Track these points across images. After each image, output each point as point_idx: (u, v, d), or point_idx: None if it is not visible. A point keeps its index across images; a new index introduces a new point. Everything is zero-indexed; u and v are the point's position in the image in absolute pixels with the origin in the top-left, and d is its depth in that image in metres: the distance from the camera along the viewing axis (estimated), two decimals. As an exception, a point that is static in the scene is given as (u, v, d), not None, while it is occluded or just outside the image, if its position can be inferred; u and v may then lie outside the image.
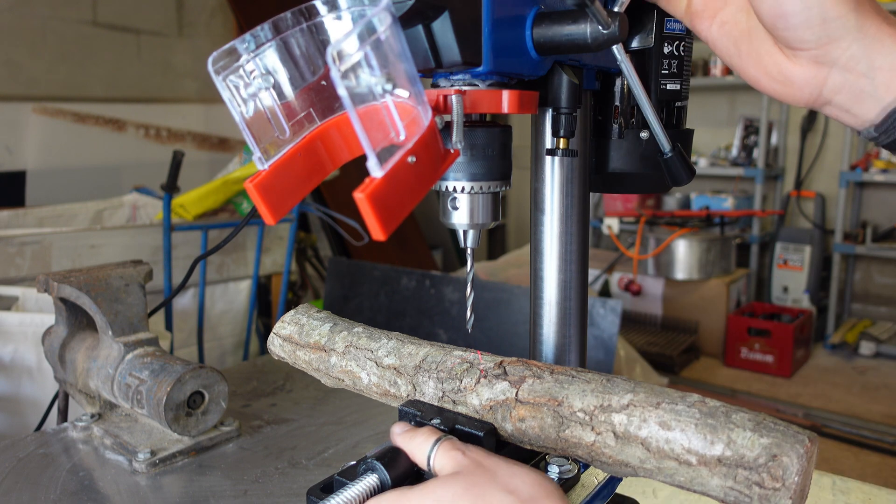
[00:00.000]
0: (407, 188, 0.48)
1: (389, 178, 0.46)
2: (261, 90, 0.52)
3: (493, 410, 0.58)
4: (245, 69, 0.52)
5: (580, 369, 0.58)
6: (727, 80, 4.45)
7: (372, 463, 0.54)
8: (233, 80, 0.51)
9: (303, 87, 0.55)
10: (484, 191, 0.61)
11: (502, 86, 0.60)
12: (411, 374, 0.64)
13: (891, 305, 4.36)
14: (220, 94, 0.51)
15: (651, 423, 0.50)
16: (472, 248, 0.66)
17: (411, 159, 0.47)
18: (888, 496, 0.80)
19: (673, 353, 3.73)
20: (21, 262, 1.97)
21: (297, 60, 0.54)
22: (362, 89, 0.44)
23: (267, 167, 0.53)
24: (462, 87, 0.58)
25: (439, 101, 0.53)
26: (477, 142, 0.60)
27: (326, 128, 0.56)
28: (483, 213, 0.62)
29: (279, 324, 0.78)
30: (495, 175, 0.61)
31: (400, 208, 0.47)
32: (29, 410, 1.56)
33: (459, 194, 0.61)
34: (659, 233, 4.01)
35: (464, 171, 0.60)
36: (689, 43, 0.71)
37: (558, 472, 0.63)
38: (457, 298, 1.99)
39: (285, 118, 0.54)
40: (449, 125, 0.53)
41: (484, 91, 0.57)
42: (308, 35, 0.53)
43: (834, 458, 2.85)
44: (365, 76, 0.44)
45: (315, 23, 0.53)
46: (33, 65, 3.30)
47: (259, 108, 0.53)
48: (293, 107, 0.55)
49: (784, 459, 0.44)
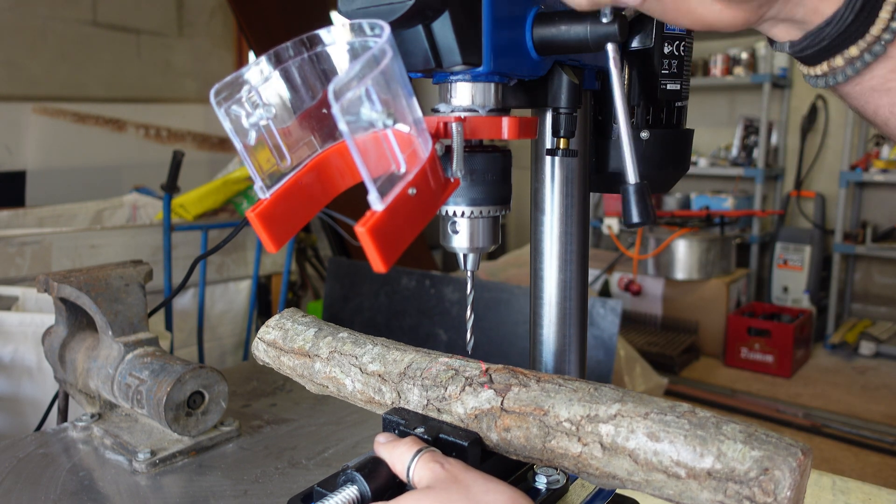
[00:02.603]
0: (408, 219, 0.48)
1: (390, 211, 0.46)
2: (262, 120, 0.52)
3: (479, 419, 0.57)
4: (247, 99, 0.52)
5: (568, 377, 0.57)
6: (727, 80, 4.45)
7: (352, 474, 0.53)
8: (234, 109, 0.51)
9: (304, 114, 0.55)
10: (484, 215, 0.61)
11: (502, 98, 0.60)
12: (396, 381, 0.63)
13: (891, 305, 4.36)
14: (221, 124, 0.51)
15: (639, 435, 0.49)
16: (471, 271, 0.66)
17: (412, 191, 0.47)
18: (888, 496, 0.80)
19: (673, 353, 3.73)
20: (21, 262, 1.97)
21: (299, 89, 0.54)
22: (363, 123, 0.44)
23: (268, 196, 0.53)
24: (461, 114, 0.58)
25: (439, 128, 0.53)
26: (477, 167, 0.60)
27: (327, 155, 0.56)
28: (483, 237, 0.63)
29: (263, 328, 0.77)
30: (495, 200, 0.61)
31: (401, 240, 0.47)
32: (29, 410, 1.56)
33: (459, 218, 0.61)
34: (659, 233, 4.01)
35: (464, 196, 0.60)
36: (689, 43, 0.71)
37: (546, 482, 0.62)
38: (457, 298, 1.99)
39: (286, 146, 0.54)
40: (449, 151, 0.53)
41: (484, 118, 0.57)
42: (310, 64, 0.53)
43: (834, 458, 2.85)
44: (366, 111, 0.44)
45: (317, 52, 0.53)
46: (33, 65, 3.30)
47: (260, 137, 0.53)
48: (294, 134, 0.55)
49: (776, 473, 0.43)
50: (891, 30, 0.49)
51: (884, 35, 0.49)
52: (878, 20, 0.49)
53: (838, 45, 0.51)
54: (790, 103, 4.54)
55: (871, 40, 0.50)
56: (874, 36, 0.50)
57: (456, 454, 0.56)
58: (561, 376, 0.57)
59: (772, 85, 4.28)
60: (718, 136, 4.80)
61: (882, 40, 0.50)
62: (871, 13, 0.49)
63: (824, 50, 0.52)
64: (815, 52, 0.52)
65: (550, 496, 0.62)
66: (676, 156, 0.74)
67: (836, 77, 0.53)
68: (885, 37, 0.49)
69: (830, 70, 0.53)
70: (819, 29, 0.51)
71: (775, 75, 4.31)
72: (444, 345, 1.99)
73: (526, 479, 0.63)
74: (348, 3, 0.56)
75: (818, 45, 0.52)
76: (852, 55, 0.51)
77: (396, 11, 0.52)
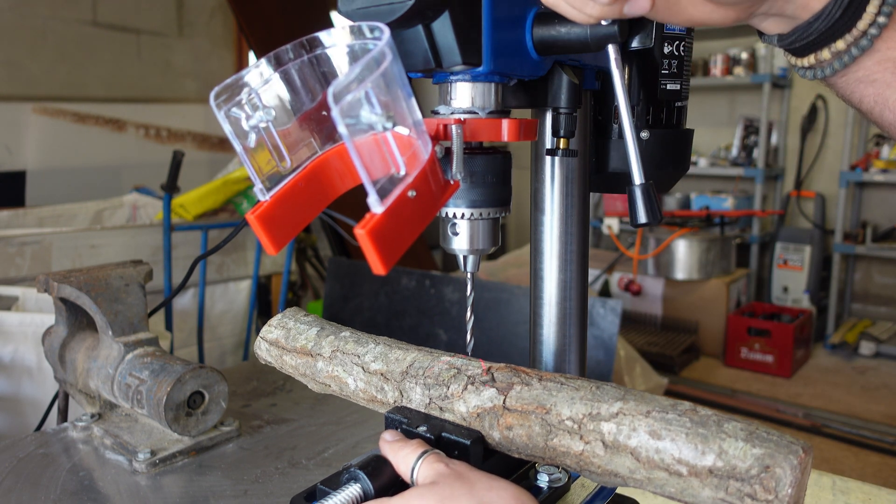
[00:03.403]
0: (407, 222, 0.48)
1: (390, 213, 0.46)
2: (262, 122, 0.52)
3: (481, 418, 0.57)
4: (247, 101, 0.52)
5: (570, 376, 0.57)
6: (727, 80, 4.45)
7: (355, 472, 0.53)
8: (234, 112, 0.51)
9: (303, 117, 0.55)
10: (484, 217, 0.61)
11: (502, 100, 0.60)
12: (398, 379, 0.63)
13: (891, 305, 4.36)
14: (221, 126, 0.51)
15: (641, 433, 0.49)
16: (471, 272, 0.66)
17: (412, 193, 0.47)
18: (888, 496, 0.80)
19: (673, 353, 3.72)
20: (21, 262, 1.97)
21: (298, 92, 0.54)
22: (363, 126, 0.44)
23: (268, 198, 0.53)
24: (461, 116, 0.58)
25: (439, 130, 0.53)
26: (476, 169, 0.60)
27: (327, 157, 0.56)
28: (483, 239, 0.63)
29: (266, 328, 0.77)
30: (495, 202, 0.61)
31: (400, 242, 0.47)
32: (29, 410, 1.56)
33: (459, 220, 0.61)
34: (659, 233, 4.01)
35: (464, 198, 0.60)
36: (689, 43, 0.71)
37: (548, 480, 0.62)
38: (457, 298, 1.99)
39: (286, 148, 0.54)
40: (449, 153, 0.53)
41: (484, 120, 0.57)
42: (309, 67, 0.53)
43: (834, 458, 2.85)
44: (366, 113, 0.44)
45: (317, 55, 0.53)
46: (33, 65, 3.30)
47: (260, 139, 0.53)
48: (294, 136, 0.55)
49: (777, 471, 0.43)
50: (877, 24, 0.50)
51: (870, 30, 0.50)
52: (866, 15, 0.50)
53: (826, 39, 0.52)
54: (790, 103, 4.54)
55: (857, 35, 0.51)
56: (861, 31, 0.51)
57: (458, 452, 0.56)
58: (563, 375, 0.57)
59: (772, 85, 4.28)
60: (718, 136, 4.80)
61: (869, 35, 0.51)
62: (859, 8, 0.50)
63: (812, 44, 0.53)
64: (802, 45, 0.53)
65: (552, 494, 0.62)
66: (676, 156, 0.74)
67: (825, 70, 0.54)
68: (871, 31, 0.50)
69: (818, 62, 0.54)
70: (808, 23, 0.52)
71: (775, 75, 4.31)
72: (444, 345, 1.99)
73: (528, 478, 0.63)
74: (348, 3, 0.56)
75: (806, 38, 0.53)
76: (839, 49, 0.52)
77: (396, 11, 0.52)
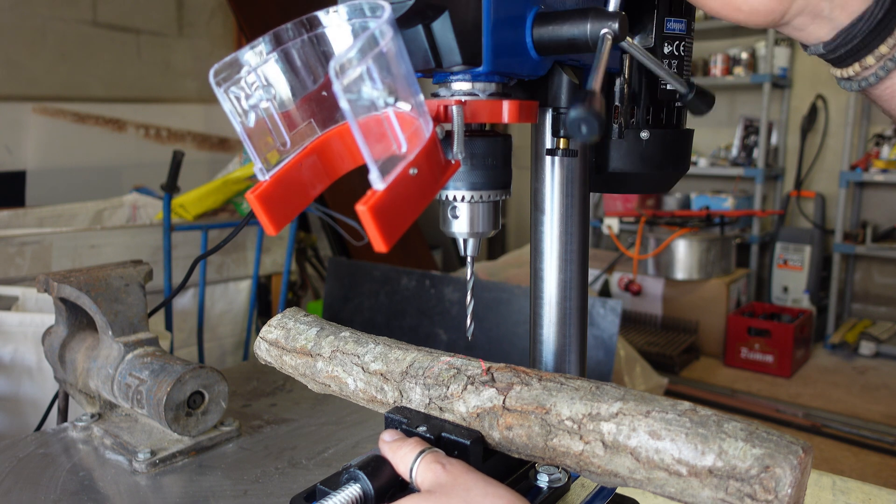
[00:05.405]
0: (409, 200, 0.48)
1: (391, 190, 0.46)
2: (262, 101, 0.52)
3: (481, 418, 0.57)
4: (246, 80, 0.52)
5: (570, 376, 0.57)
6: (727, 80, 4.45)
7: (355, 472, 0.53)
8: (234, 91, 0.51)
9: (304, 98, 0.55)
10: (484, 199, 0.61)
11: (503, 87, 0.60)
12: (398, 380, 0.63)
13: (891, 305, 4.36)
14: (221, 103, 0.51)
15: (640, 433, 0.49)
16: (472, 256, 0.66)
17: (413, 171, 0.47)
18: (888, 496, 0.80)
19: (673, 353, 3.73)
20: (21, 262, 1.97)
21: (299, 71, 0.54)
22: (364, 102, 0.44)
23: (268, 178, 0.53)
24: (462, 98, 0.58)
25: (440, 111, 0.53)
26: (477, 151, 0.60)
27: (328, 137, 0.56)
28: (483, 222, 0.62)
29: (266, 328, 0.77)
30: (495, 184, 0.61)
31: (402, 220, 0.47)
32: (29, 410, 1.56)
33: (459, 203, 0.61)
34: (659, 233, 4.01)
35: (464, 181, 0.60)
36: (689, 43, 0.71)
37: (548, 480, 0.62)
38: (457, 298, 1.99)
39: (286, 128, 0.54)
40: (449, 135, 0.53)
41: (484, 101, 0.57)
42: (309, 46, 0.53)
43: (834, 458, 2.85)
44: (367, 89, 0.44)
45: (316, 34, 0.53)
46: (33, 65, 3.30)
47: (260, 119, 0.53)
48: (294, 117, 0.55)
49: (777, 471, 0.43)
50: None
51: None
52: None
53: (869, 41, 0.51)
54: (790, 103, 4.54)
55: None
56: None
57: (458, 453, 0.56)
58: (563, 375, 0.57)
59: (772, 85, 4.28)
60: (718, 136, 4.80)
61: None
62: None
63: (857, 48, 0.52)
64: (848, 50, 0.53)
65: (552, 495, 0.62)
66: (676, 156, 0.74)
67: (868, 79, 0.53)
68: None
69: (863, 70, 0.53)
70: (851, 25, 0.51)
71: (775, 75, 4.31)
72: (444, 345, 1.99)
73: (528, 478, 0.63)
74: (348, 4, 0.56)
75: (850, 42, 0.52)
76: (882, 53, 0.51)
77: (396, 11, 0.52)
